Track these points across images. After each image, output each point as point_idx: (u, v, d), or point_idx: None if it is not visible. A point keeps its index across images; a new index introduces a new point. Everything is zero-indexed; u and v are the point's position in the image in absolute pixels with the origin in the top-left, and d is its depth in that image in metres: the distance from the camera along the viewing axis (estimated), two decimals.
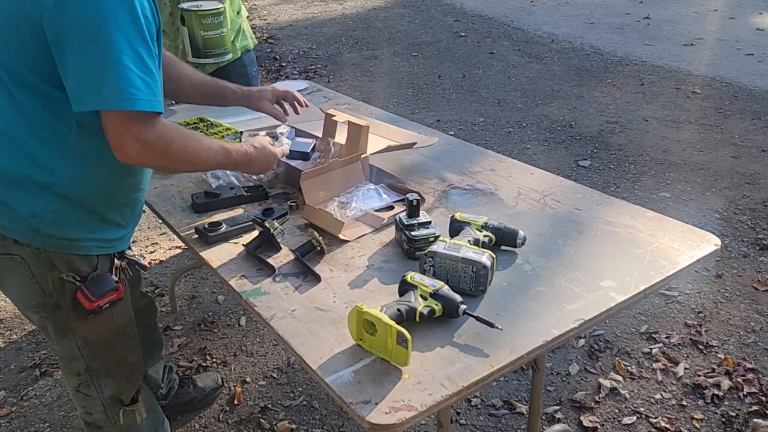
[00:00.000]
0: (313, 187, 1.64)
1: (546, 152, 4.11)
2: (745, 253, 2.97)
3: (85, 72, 1.14)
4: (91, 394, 1.52)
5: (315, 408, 2.20)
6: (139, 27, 1.16)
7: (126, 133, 1.17)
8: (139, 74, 1.15)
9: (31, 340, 2.56)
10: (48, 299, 1.37)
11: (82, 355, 1.47)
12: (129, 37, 1.14)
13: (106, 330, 1.47)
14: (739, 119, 4.51)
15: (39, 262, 1.33)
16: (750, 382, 2.23)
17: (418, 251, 1.41)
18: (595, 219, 1.59)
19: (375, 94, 5.22)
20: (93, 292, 1.35)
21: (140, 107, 1.15)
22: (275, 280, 1.37)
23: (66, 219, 1.31)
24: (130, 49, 1.14)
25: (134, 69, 1.14)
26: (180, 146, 1.28)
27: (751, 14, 7.32)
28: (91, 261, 1.37)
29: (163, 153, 1.24)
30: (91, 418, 1.58)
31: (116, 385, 1.54)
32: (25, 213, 1.27)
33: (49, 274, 1.34)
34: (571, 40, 6.54)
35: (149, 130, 1.20)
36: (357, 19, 7.73)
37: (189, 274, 2.94)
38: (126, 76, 1.14)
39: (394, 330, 1.08)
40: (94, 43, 1.13)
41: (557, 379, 2.30)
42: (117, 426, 1.58)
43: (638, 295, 1.30)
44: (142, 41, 1.16)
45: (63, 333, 1.43)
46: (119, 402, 1.56)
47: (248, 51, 2.63)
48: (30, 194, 1.26)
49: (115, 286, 1.38)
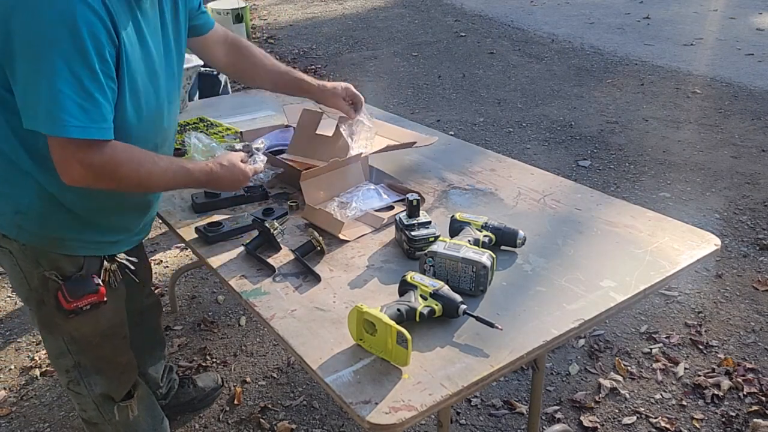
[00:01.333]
0: (313, 187, 1.64)
1: (546, 152, 4.11)
2: (745, 253, 2.97)
3: (26, 92, 1.13)
4: (81, 391, 1.52)
5: (315, 408, 2.20)
6: (83, 49, 1.10)
7: (70, 157, 1.16)
8: (77, 100, 1.11)
9: (31, 340, 2.56)
10: (33, 294, 1.39)
11: (69, 351, 1.47)
12: (69, 60, 1.09)
13: (92, 331, 1.46)
14: (739, 119, 4.51)
15: (25, 257, 1.34)
16: (750, 382, 2.23)
17: (418, 251, 1.41)
18: (595, 219, 1.59)
19: (375, 94, 5.22)
20: (71, 293, 1.34)
21: (72, 134, 1.12)
22: (275, 280, 1.37)
23: (47, 218, 1.31)
24: (69, 73, 1.10)
25: (70, 94, 1.10)
26: (130, 169, 1.24)
27: (751, 14, 7.32)
28: (77, 261, 1.37)
29: (109, 177, 1.22)
30: (87, 415, 1.58)
31: (106, 383, 1.54)
32: (9, 209, 1.29)
33: (35, 270, 1.35)
34: (571, 40, 6.55)
35: (95, 155, 1.17)
36: (357, 19, 7.74)
37: (189, 274, 2.94)
38: (59, 102, 1.10)
39: (394, 330, 1.08)
40: (32, 63, 1.10)
41: (557, 379, 2.30)
42: (112, 423, 1.58)
43: (638, 295, 1.30)
44: (84, 65, 1.11)
45: (49, 329, 1.44)
46: (111, 399, 1.56)
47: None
48: (14, 191, 1.28)
49: (94, 289, 1.36)
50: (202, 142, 1.57)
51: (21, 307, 2.76)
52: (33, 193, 1.28)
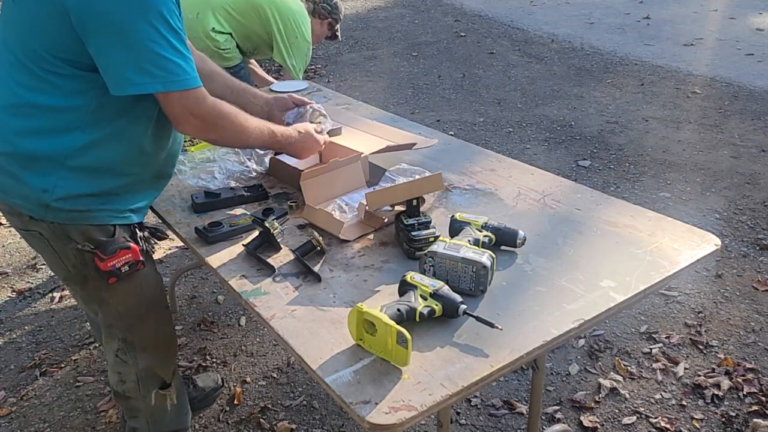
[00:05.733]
0: (313, 187, 1.64)
1: (546, 152, 4.11)
2: (745, 253, 2.97)
3: (127, 61, 1.23)
4: (128, 360, 1.58)
5: (315, 408, 2.20)
6: (169, 14, 1.25)
7: (184, 109, 1.32)
8: (174, 58, 1.26)
9: (31, 340, 2.56)
10: (73, 272, 1.43)
11: (117, 328, 1.53)
12: (159, 27, 1.23)
13: (137, 302, 1.52)
14: (739, 119, 4.51)
15: (56, 236, 1.38)
16: (750, 382, 2.23)
17: (418, 251, 1.41)
18: (595, 219, 1.59)
19: (375, 94, 5.22)
20: (103, 250, 1.39)
21: (185, 86, 1.28)
22: (275, 280, 1.37)
23: (76, 192, 1.35)
24: (161, 38, 1.24)
25: (167, 55, 1.25)
26: (229, 120, 1.41)
27: (751, 14, 7.32)
28: (107, 230, 1.42)
29: (213, 126, 1.38)
30: (123, 386, 1.63)
31: (152, 359, 1.60)
32: (36, 188, 1.32)
33: (68, 247, 1.39)
34: (571, 40, 6.55)
35: (201, 104, 1.33)
36: (357, 19, 7.74)
37: (189, 274, 2.94)
38: (161, 63, 1.24)
39: (394, 330, 1.08)
40: (128, 35, 1.21)
41: (557, 379, 2.30)
42: (145, 401, 1.64)
43: (638, 295, 1.30)
44: (170, 29, 1.25)
45: (99, 303, 1.50)
46: (154, 376, 1.63)
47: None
48: (44, 170, 1.32)
49: (125, 245, 1.42)
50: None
51: (21, 307, 2.76)
52: (63, 169, 1.32)
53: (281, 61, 2.93)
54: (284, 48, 2.90)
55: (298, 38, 2.91)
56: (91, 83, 1.28)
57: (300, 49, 2.94)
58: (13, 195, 1.35)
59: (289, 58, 2.92)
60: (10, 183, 1.34)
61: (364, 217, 1.57)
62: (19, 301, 2.81)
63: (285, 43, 2.89)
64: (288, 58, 2.92)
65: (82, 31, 1.21)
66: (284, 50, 2.90)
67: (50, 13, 1.21)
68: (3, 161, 1.33)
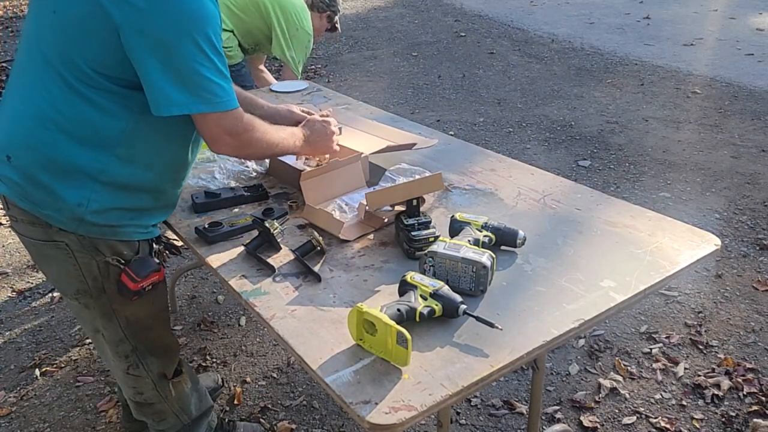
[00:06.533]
0: (313, 187, 1.64)
1: (546, 152, 4.11)
2: (745, 253, 2.97)
3: (168, 81, 1.24)
4: (140, 374, 1.59)
5: (315, 408, 2.20)
6: (213, 37, 1.27)
7: (221, 130, 1.34)
8: (216, 79, 1.28)
9: (31, 340, 2.56)
10: (91, 284, 1.43)
11: (126, 336, 1.53)
12: (204, 48, 1.25)
13: (147, 314, 1.53)
14: (739, 119, 4.51)
15: (83, 247, 1.38)
16: (750, 382, 2.23)
17: (418, 251, 1.41)
18: (595, 219, 1.59)
19: (375, 94, 5.22)
20: (137, 272, 1.42)
21: (222, 108, 1.30)
22: (275, 280, 1.37)
23: (110, 207, 1.36)
24: (206, 59, 1.26)
25: (210, 76, 1.27)
26: (260, 134, 1.44)
27: (751, 14, 7.32)
28: (133, 245, 1.44)
29: (247, 143, 1.41)
30: (143, 397, 1.65)
31: (160, 363, 1.62)
32: (72, 202, 1.32)
33: (94, 259, 1.40)
34: (571, 40, 6.55)
35: (237, 123, 1.36)
36: (357, 19, 7.74)
37: (189, 274, 2.94)
38: (204, 84, 1.27)
39: (394, 330, 1.08)
40: (174, 55, 1.23)
41: (557, 379, 2.30)
42: (169, 401, 1.67)
43: (638, 295, 1.30)
44: (213, 50, 1.27)
45: (108, 317, 1.49)
46: (165, 377, 1.64)
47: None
48: (78, 183, 1.32)
49: (157, 267, 1.46)
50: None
51: (21, 307, 2.76)
52: (98, 184, 1.33)
53: (280, 54, 2.92)
54: (284, 40, 2.90)
55: (299, 30, 2.90)
56: (129, 101, 1.28)
57: (300, 41, 2.93)
58: (45, 207, 1.33)
59: (288, 51, 2.91)
60: (41, 195, 1.32)
61: (364, 217, 1.56)
62: (19, 301, 2.81)
63: (285, 36, 2.89)
64: (287, 50, 2.91)
65: (130, 47, 1.21)
66: (283, 42, 2.90)
67: (98, 28, 1.21)
68: (35, 172, 1.31)
